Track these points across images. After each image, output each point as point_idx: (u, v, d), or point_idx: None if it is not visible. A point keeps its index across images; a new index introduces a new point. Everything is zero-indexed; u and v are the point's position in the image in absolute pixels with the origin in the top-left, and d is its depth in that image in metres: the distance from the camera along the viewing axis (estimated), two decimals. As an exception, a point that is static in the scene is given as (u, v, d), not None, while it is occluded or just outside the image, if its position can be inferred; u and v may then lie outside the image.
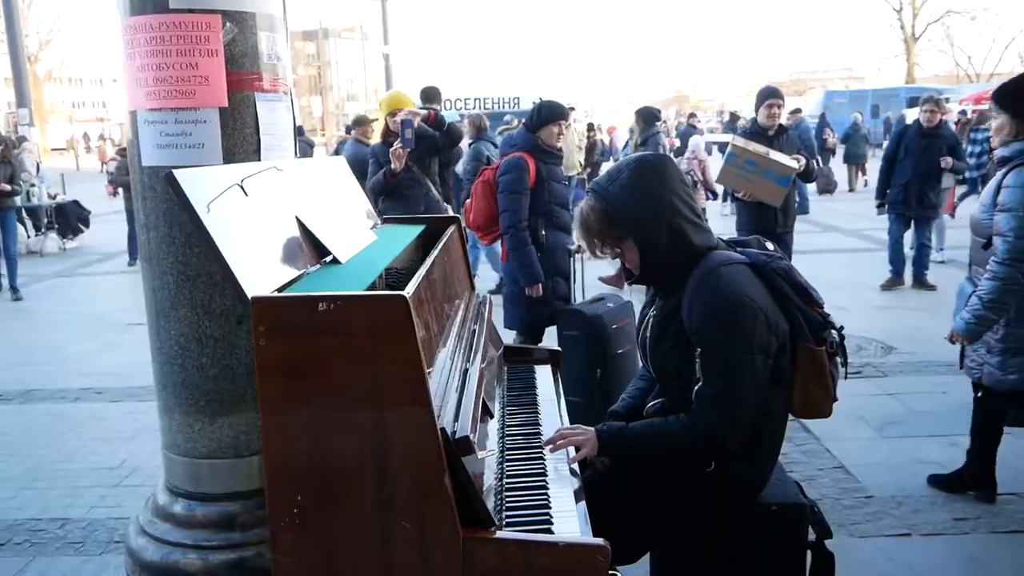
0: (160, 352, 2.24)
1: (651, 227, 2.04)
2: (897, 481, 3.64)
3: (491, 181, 4.22)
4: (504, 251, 4.28)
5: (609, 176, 2.11)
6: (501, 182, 4.14)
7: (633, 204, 2.04)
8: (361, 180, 5.29)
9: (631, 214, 2.04)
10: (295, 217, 1.95)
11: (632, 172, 2.06)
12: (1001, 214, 3.03)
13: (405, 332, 1.44)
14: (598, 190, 2.10)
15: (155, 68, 2.06)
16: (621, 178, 2.07)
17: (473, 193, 4.33)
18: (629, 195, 2.05)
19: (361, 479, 1.51)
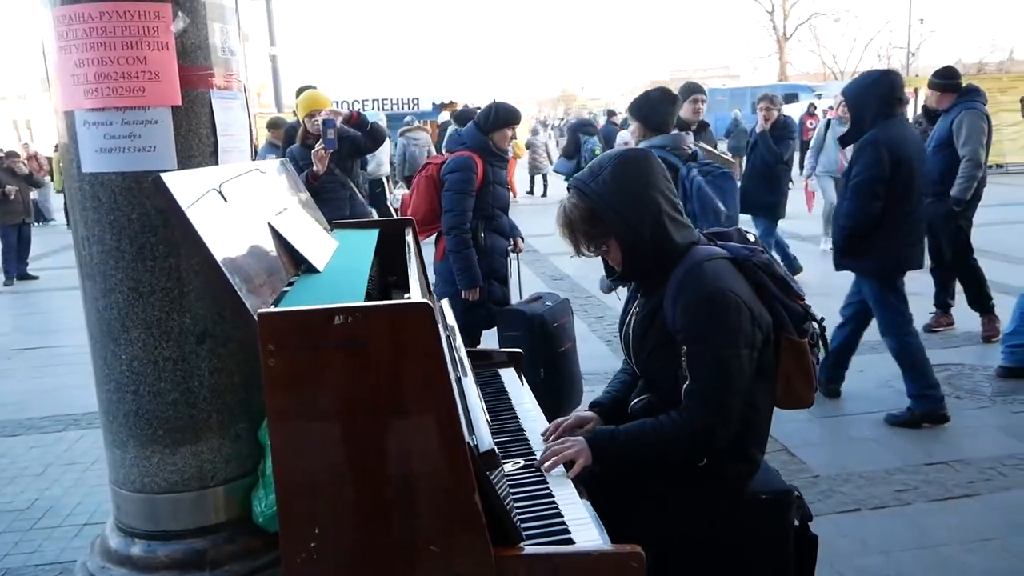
0: (108, 379, 2.03)
1: (634, 224, 2.00)
2: (837, 459, 3.77)
3: (435, 177, 4.09)
4: (440, 250, 4.16)
5: (591, 172, 2.06)
6: (448, 180, 4.02)
7: (616, 201, 1.99)
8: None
9: (614, 211, 1.99)
10: (268, 224, 1.80)
11: (614, 168, 2.02)
12: None
13: (430, 342, 1.34)
14: (580, 187, 2.04)
15: (96, 63, 1.85)
16: (603, 174, 2.02)
17: (414, 187, 4.17)
18: (612, 192, 2.00)
19: (385, 504, 1.39)
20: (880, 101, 3.91)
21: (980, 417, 4.20)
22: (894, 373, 4.89)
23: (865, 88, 3.99)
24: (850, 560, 2.93)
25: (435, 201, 4.09)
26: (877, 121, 3.89)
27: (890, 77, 4.05)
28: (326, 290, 1.64)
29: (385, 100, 15.89)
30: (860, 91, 4.01)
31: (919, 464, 3.67)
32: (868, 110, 3.93)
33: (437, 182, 4.09)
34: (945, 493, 3.41)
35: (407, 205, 4.30)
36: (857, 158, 3.99)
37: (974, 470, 3.60)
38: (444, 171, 4.08)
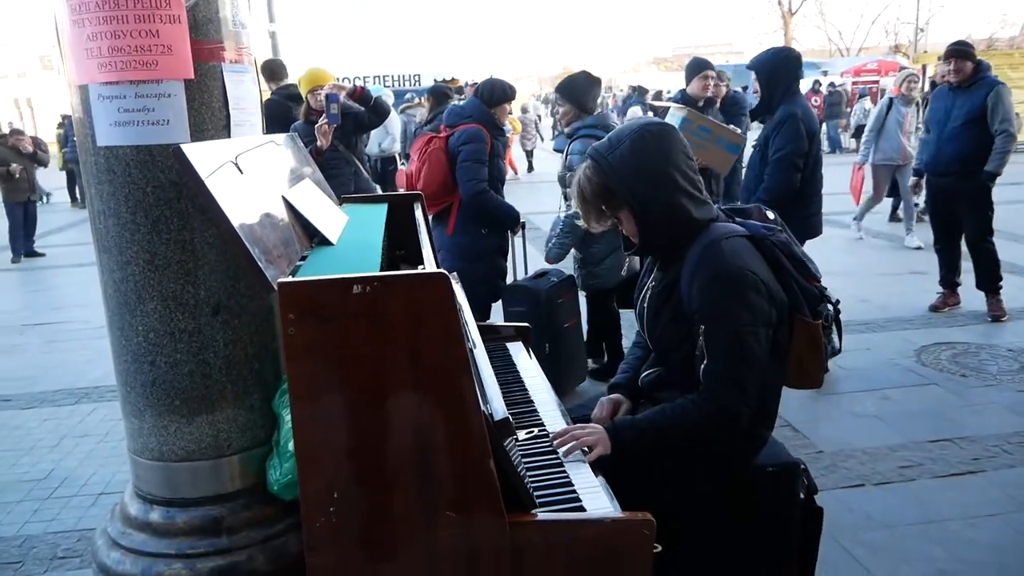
0: (125, 350, 2.05)
1: (649, 201, 1.99)
2: (841, 436, 3.79)
3: (444, 150, 4.08)
4: (452, 224, 4.16)
5: (610, 144, 2.05)
6: (465, 151, 4.02)
7: (632, 177, 1.98)
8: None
9: (629, 186, 1.99)
10: (282, 197, 1.82)
11: (633, 142, 2.00)
12: (568, 173, 4.08)
13: (448, 312, 1.36)
14: (597, 158, 2.04)
15: (110, 36, 1.86)
16: (622, 148, 2.01)
17: (425, 160, 4.12)
18: (628, 167, 1.99)
19: (403, 470, 1.42)
20: (789, 76, 4.11)
21: (985, 395, 4.22)
22: (899, 351, 4.93)
23: (777, 64, 4.14)
24: (854, 534, 2.96)
25: (448, 175, 4.09)
26: (786, 96, 4.09)
27: (795, 54, 4.23)
28: (341, 262, 1.66)
29: (387, 77, 15.80)
30: (772, 66, 4.15)
31: (923, 441, 3.70)
32: (780, 85, 4.11)
33: (448, 155, 4.10)
34: (949, 469, 3.44)
35: (411, 180, 4.25)
36: (776, 132, 4.15)
37: (978, 447, 3.63)
38: (457, 143, 4.06)
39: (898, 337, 5.20)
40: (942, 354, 4.85)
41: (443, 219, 4.24)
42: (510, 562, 1.45)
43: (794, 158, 4.13)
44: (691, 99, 5.32)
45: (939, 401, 4.17)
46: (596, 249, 4.20)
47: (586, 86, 4.20)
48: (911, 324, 5.45)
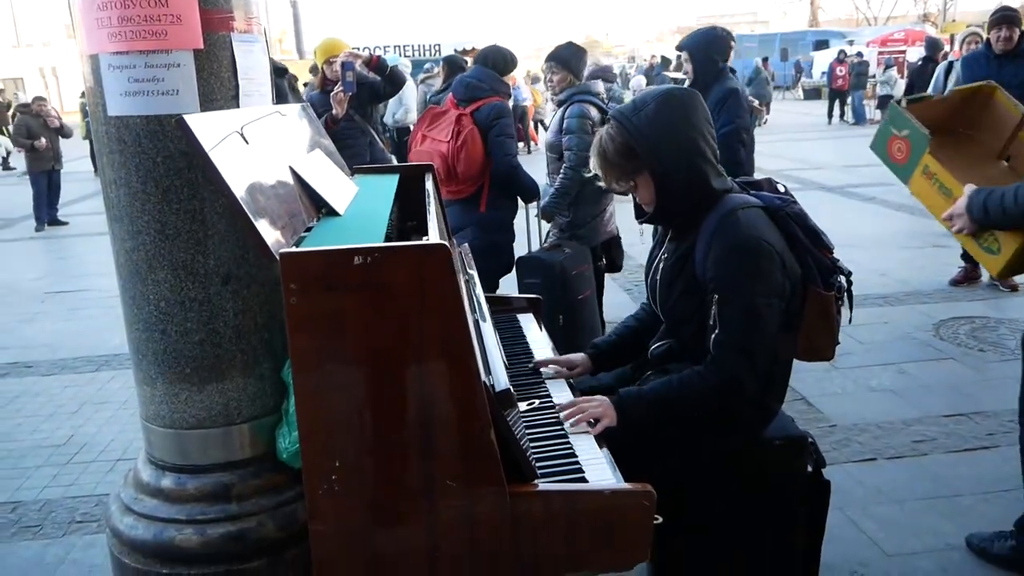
0: (137, 319, 2.08)
1: (671, 164, 1.98)
2: (856, 409, 3.78)
3: (473, 127, 3.99)
4: (485, 201, 4.13)
5: (634, 106, 2.03)
6: (500, 125, 3.99)
7: (656, 138, 1.97)
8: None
9: (652, 148, 1.98)
10: (289, 167, 1.82)
11: (659, 105, 1.99)
12: (566, 136, 4.22)
13: (448, 283, 1.36)
14: (621, 119, 2.02)
15: (119, 6, 1.86)
16: (647, 109, 1.99)
17: (464, 142, 3.97)
18: (653, 128, 1.98)
19: (404, 439, 1.43)
20: (722, 55, 4.14)
21: (1002, 370, 4.18)
22: (917, 324, 4.89)
23: (709, 42, 4.16)
24: (864, 508, 2.97)
25: (484, 153, 4.03)
26: (719, 74, 4.10)
27: (724, 33, 4.25)
28: (347, 232, 1.66)
29: (407, 47, 15.70)
30: (705, 45, 4.16)
31: (938, 416, 3.68)
32: (713, 63, 4.12)
33: (481, 133, 4.01)
34: (963, 444, 3.42)
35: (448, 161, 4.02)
36: (719, 109, 4.09)
37: (994, 422, 3.60)
38: (488, 118, 4.00)
39: (916, 311, 5.16)
40: (960, 328, 4.80)
41: (476, 197, 4.18)
42: (511, 531, 1.46)
43: (739, 133, 4.13)
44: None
45: (956, 376, 4.14)
46: (584, 211, 4.32)
47: (578, 54, 4.39)
48: (930, 298, 5.40)
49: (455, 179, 4.01)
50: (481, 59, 4.22)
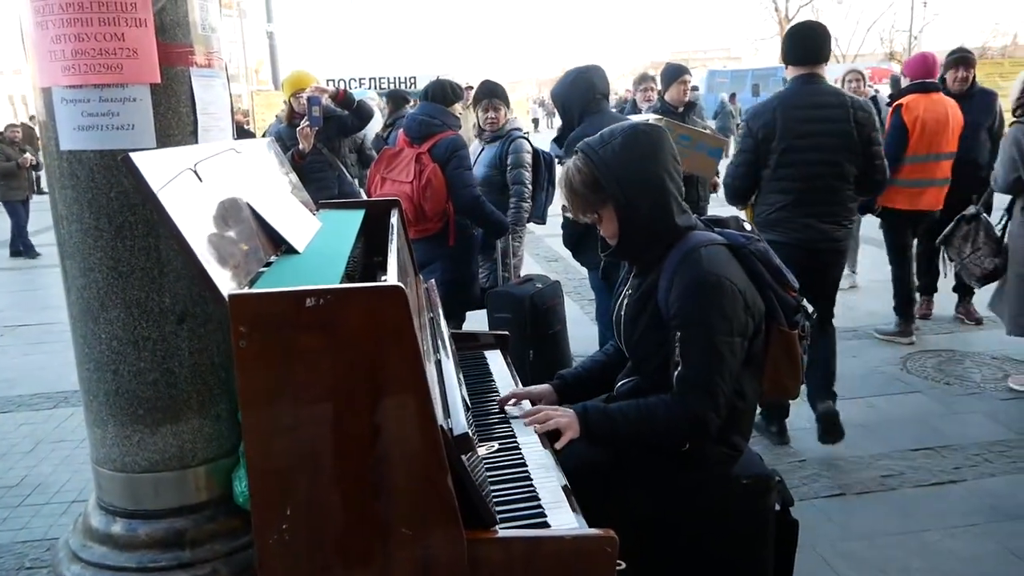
0: (88, 358, 2.02)
1: (635, 198, 1.98)
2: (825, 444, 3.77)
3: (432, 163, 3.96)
4: (453, 233, 4.10)
5: (602, 139, 2.04)
6: (458, 158, 3.96)
7: (620, 171, 1.98)
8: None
9: (616, 181, 1.98)
10: (246, 204, 1.78)
11: (625, 139, 2.01)
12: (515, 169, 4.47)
13: (403, 325, 1.33)
14: (588, 152, 2.04)
15: (73, 39, 1.83)
16: (614, 143, 2.01)
17: (431, 177, 3.94)
18: (618, 162, 1.99)
19: (357, 488, 1.39)
20: (582, 99, 3.86)
21: (968, 404, 4.22)
22: (885, 358, 4.92)
23: (566, 88, 3.92)
24: (833, 544, 2.95)
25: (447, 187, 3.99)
26: (584, 118, 3.83)
27: (587, 75, 3.92)
28: (304, 271, 1.62)
29: (382, 79, 15.77)
30: (563, 92, 3.96)
31: (905, 450, 3.69)
32: (574, 109, 3.88)
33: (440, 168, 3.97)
34: (930, 479, 3.42)
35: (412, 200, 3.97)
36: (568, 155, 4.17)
37: (960, 456, 3.62)
38: (447, 151, 3.96)
39: (884, 345, 5.19)
40: (928, 362, 4.85)
41: (444, 232, 4.15)
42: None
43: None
44: (670, 106, 5.31)
45: (923, 409, 4.16)
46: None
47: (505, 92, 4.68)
48: (899, 331, 5.44)
49: (424, 218, 3.99)
50: (429, 94, 4.19)
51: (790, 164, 3.50)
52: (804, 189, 3.50)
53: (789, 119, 3.48)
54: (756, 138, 3.56)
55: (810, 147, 3.47)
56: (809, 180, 3.49)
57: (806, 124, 3.47)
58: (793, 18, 38.43)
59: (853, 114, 3.47)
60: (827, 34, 3.66)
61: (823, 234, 3.53)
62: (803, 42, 3.58)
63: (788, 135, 3.47)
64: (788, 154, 3.49)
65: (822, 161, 3.48)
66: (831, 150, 3.47)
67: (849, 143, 3.47)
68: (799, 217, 3.52)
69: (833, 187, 3.52)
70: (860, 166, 3.51)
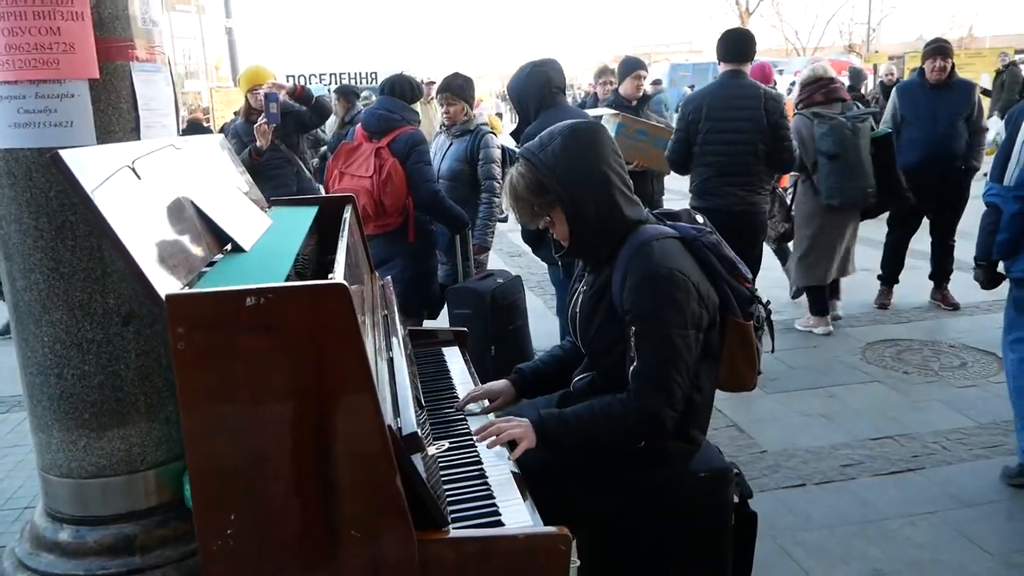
0: (31, 362, 1.97)
1: (581, 197, 1.97)
2: (785, 435, 3.81)
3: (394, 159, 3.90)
4: (412, 230, 4.06)
5: (541, 142, 2.03)
6: (417, 153, 3.91)
7: (563, 172, 1.97)
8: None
9: (561, 182, 1.97)
10: (190, 202, 1.74)
11: (565, 139, 1.99)
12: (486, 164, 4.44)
13: (347, 324, 1.30)
14: (529, 156, 2.02)
15: (7, 33, 1.77)
16: (553, 144, 1.99)
17: (387, 175, 3.88)
18: (560, 163, 1.97)
19: (303, 490, 1.36)
20: (538, 93, 3.87)
21: (927, 392, 4.28)
22: (845, 348, 4.98)
23: (521, 83, 3.93)
24: (793, 534, 2.97)
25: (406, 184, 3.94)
26: (540, 112, 3.84)
27: (542, 69, 3.94)
28: (248, 270, 1.59)
29: (343, 75, 15.61)
30: (518, 86, 3.96)
31: (865, 439, 3.73)
32: (530, 103, 3.90)
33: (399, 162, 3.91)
34: (889, 467, 3.46)
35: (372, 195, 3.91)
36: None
37: (918, 444, 3.66)
38: (407, 146, 3.90)
39: (845, 334, 5.25)
40: (886, 351, 4.91)
41: (403, 228, 4.09)
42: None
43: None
44: (624, 99, 5.31)
45: (882, 399, 4.21)
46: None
47: (470, 84, 4.53)
48: (858, 320, 5.51)
49: (383, 213, 3.94)
50: (388, 88, 4.14)
51: (713, 143, 4.34)
52: (725, 163, 4.33)
53: (713, 107, 4.34)
54: (687, 120, 4.42)
55: (729, 129, 4.30)
56: (728, 156, 4.32)
57: (727, 111, 4.31)
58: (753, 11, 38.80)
59: (764, 103, 4.29)
60: (752, 38, 4.53)
61: (740, 199, 4.34)
62: (731, 44, 4.43)
63: (711, 118, 4.32)
64: (711, 134, 4.34)
65: (738, 141, 4.30)
66: (746, 132, 4.29)
67: (760, 127, 4.28)
68: (721, 186, 4.35)
69: (748, 162, 4.33)
70: (769, 145, 4.31)
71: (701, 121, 4.34)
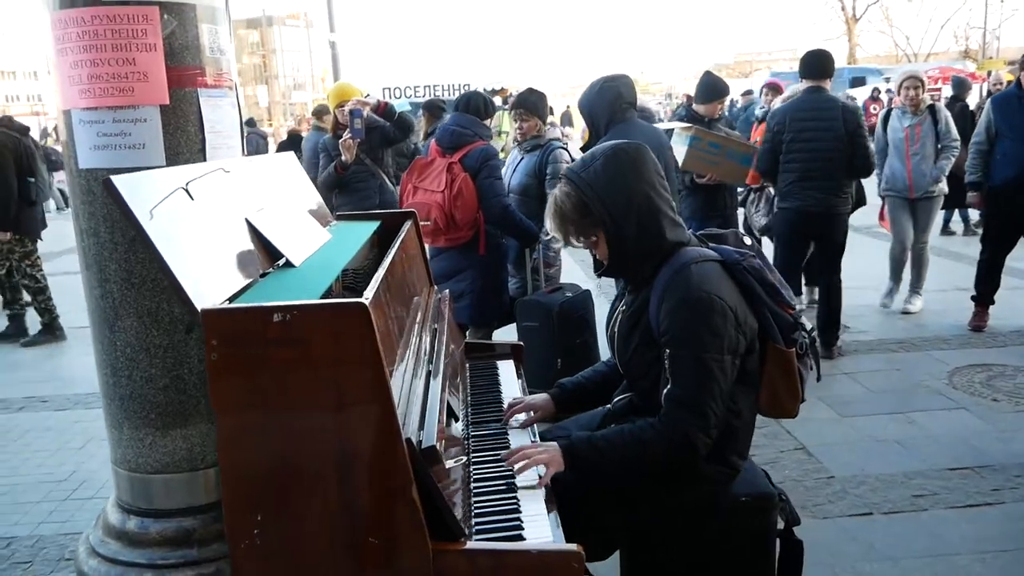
0: (106, 364, 2.14)
1: (621, 218, 1.99)
2: (856, 460, 3.69)
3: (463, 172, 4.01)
4: (483, 243, 4.15)
5: (583, 163, 2.06)
6: (489, 168, 4.01)
7: (605, 193, 1.99)
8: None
9: (602, 203, 1.99)
10: (245, 220, 1.86)
11: (606, 160, 2.01)
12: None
13: (366, 341, 1.37)
14: (572, 177, 2.06)
15: (89, 64, 1.94)
16: (595, 165, 2.02)
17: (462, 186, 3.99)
18: (602, 183, 2.00)
19: (325, 496, 1.44)
20: (609, 108, 3.93)
21: (1016, 422, 4.05)
22: (930, 372, 4.77)
23: (593, 98, 4.00)
24: (853, 564, 2.88)
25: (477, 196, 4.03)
26: (610, 127, 3.90)
27: (614, 84, 4.00)
28: (291, 284, 1.69)
29: (436, 87, 15.96)
30: (589, 101, 4.03)
31: (942, 469, 3.57)
32: (601, 119, 3.95)
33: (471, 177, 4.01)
34: (965, 500, 3.30)
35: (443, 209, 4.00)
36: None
37: (1001, 477, 3.48)
38: (478, 161, 4.02)
39: (932, 357, 5.03)
40: (976, 376, 4.67)
41: (474, 241, 4.18)
42: (433, 589, 1.45)
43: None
44: (698, 116, 5.26)
45: (965, 427, 4.02)
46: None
47: (544, 100, 4.56)
48: (948, 344, 5.26)
49: (455, 226, 4.04)
50: (462, 105, 4.24)
51: (795, 151, 4.83)
52: (805, 169, 4.81)
53: (795, 119, 4.84)
54: (773, 131, 4.94)
55: (810, 138, 4.79)
56: (808, 162, 4.80)
57: (807, 122, 4.80)
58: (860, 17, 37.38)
59: (843, 114, 4.78)
60: (830, 58, 5.05)
61: (819, 201, 4.83)
62: (811, 63, 4.98)
63: (793, 129, 4.83)
64: (794, 143, 4.83)
65: (817, 148, 4.77)
66: (826, 140, 4.76)
67: (839, 136, 4.74)
68: (803, 189, 4.85)
69: (827, 168, 4.78)
70: (848, 152, 4.75)
71: (785, 132, 4.83)
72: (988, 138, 5.31)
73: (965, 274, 6.07)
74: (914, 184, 5.78)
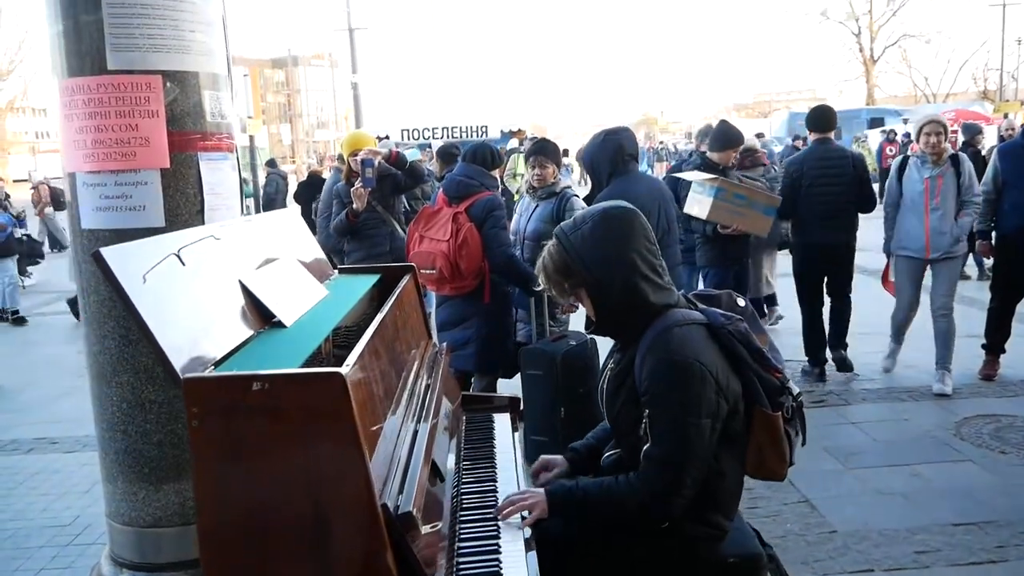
0: (102, 418, 2.19)
1: (604, 281, 2.03)
2: (860, 514, 3.65)
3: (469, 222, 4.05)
4: (488, 292, 4.19)
5: (575, 223, 2.11)
6: (494, 218, 4.06)
7: (590, 256, 2.03)
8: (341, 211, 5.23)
9: (586, 265, 2.04)
10: (238, 281, 1.91)
11: (594, 224, 2.06)
12: None
13: (342, 412, 1.41)
14: (561, 236, 2.10)
15: (93, 130, 2.02)
16: (584, 228, 2.06)
17: (467, 236, 4.03)
18: (588, 246, 2.04)
19: (301, 562, 1.46)
20: (610, 160, 4.03)
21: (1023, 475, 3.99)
22: (938, 422, 4.72)
23: (595, 150, 4.11)
24: (852, 624, 2.84)
25: (482, 246, 4.06)
26: (611, 179, 4.01)
27: (616, 137, 4.11)
28: (276, 348, 1.73)
29: (454, 128, 16.15)
30: (592, 153, 4.14)
31: (946, 524, 3.52)
32: (603, 170, 4.05)
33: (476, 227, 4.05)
34: (968, 557, 3.26)
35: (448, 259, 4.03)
36: None
37: (1007, 533, 3.43)
38: (483, 211, 4.06)
39: (940, 407, 4.98)
40: (984, 427, 4.62)
41: (479, 289, 4.20)
42: (408, 655, 1.46)
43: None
44: (713, 164, 5.32)
45: (971, 480, 3.97)
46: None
47: (558, 149, 4.67)
48: (957, 393, 5.21)
49: (459, 275, 4.08)
50: (469, 156, 4.31)
51: (813, 194, 5.39)
52: (822, 210, 5.37)
53: (811, 167, 5.44)
54: (792, 177, 5.51)
55: (824, 183, 5.38)
56: (824, 204, 5.37)
57: (822, 169, 5.40)
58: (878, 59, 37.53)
59: (852, 162, 5.47)
60: (832, 113, 5.70)
61: (833, 236, 5.42)
62: (817, 118, 5.64)
63: (810, 176, 5.40)
64: (812, 187, 5.39)
65: (830, 192, 5.38)
66: (838, 184, 5.37)
67: (850, 180, 5.40)
68: (819, 228, 5.41)
69: (840, 207, 5.39)
70: (857, 194, 5.45)
71: (803, 178, 5.41)
72: (996, 187, 5.30)
73: (978, 320, 6.01)
74: (932, 244, 5.14)
